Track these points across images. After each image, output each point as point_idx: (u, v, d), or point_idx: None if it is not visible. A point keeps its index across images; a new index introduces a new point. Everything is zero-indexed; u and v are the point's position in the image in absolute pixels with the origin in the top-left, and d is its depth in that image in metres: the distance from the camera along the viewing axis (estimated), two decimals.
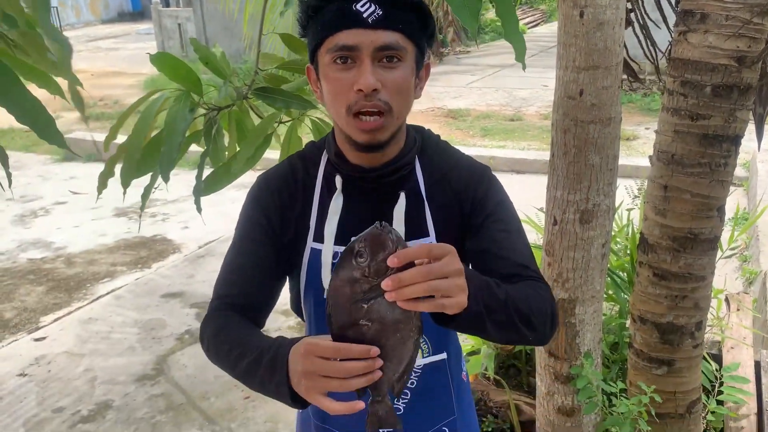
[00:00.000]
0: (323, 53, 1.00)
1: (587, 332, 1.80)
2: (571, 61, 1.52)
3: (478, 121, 7.96)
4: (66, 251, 4.81)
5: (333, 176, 1.12)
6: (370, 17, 0.96)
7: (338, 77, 0.99)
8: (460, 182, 1.13)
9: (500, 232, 1.09)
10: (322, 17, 0.99)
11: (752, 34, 1.63)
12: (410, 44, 1.01)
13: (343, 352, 0.80)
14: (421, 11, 1.02)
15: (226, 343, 1.02)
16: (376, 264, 0.77)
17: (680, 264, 1.82)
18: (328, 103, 1.04)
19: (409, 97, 1.04)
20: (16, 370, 3.31)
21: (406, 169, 1.11)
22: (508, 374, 2.52)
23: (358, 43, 0.96)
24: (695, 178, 1.75)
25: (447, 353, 1.19)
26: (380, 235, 0.77)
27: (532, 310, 0.96)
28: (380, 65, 0.98)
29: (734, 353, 2.46)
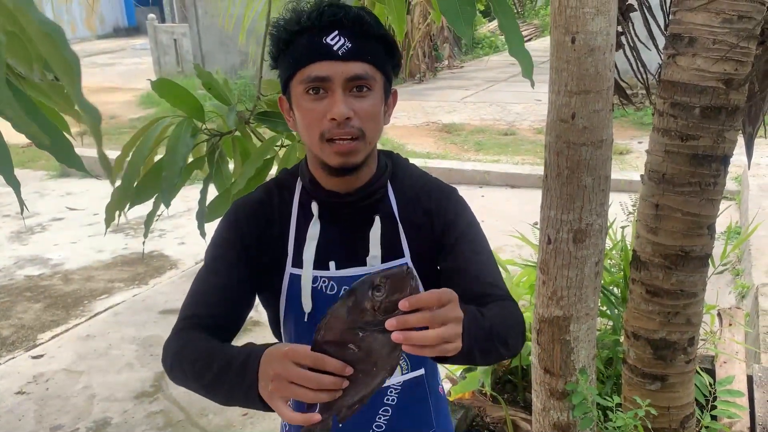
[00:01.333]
0: (296, 84, 1.05)
1: (582, 349, 1.83)
2: (563, 86, 1.56)
3: (473, 136, 8.02)
4: (63, 268, 4.82)
5: (308, 202, 1.15)
6: (340, 50, 1.02)
7: (311, 107, 1.04)
8: (431, 204, 1.18)
9: (471, 253, 1.14)
10: (294, 50, 1.05)
11: (739, 57, 1.68)
12: (378, 74, 1.06)
13: (320, 364, 0.82)
14: (387, 42, 1.07)
15: (191, 356, 1.02)
16: (388, 302, 0.80)
17: (672, 281, 1.86)
18: (301, 131, 1.09)
19: (379, 124, 1.09)
20: (14, 388, 3.32)
21: (379, 193, 1.16)
22: (504, 390, 2.55)
23: (329, 75, 1.02)
24: (686, 197, 1.79)
25: (424, 369, 1.24)
26: (403, 278, 0.80)
27: (509, 333, 1.03)
28: (351, 94, 1.03)
29: (727, 368, 2.49)
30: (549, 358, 1.85)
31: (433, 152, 7.34)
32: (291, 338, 1.20)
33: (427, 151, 7.40)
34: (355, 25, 1.02)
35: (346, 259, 1.14)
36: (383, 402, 1.20)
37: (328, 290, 1.14)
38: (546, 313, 1.81)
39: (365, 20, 1.03)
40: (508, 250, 4.24)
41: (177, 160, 1.50)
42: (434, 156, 7.13)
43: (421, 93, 10.70)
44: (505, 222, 4.81)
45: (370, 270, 1.12)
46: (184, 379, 1.04)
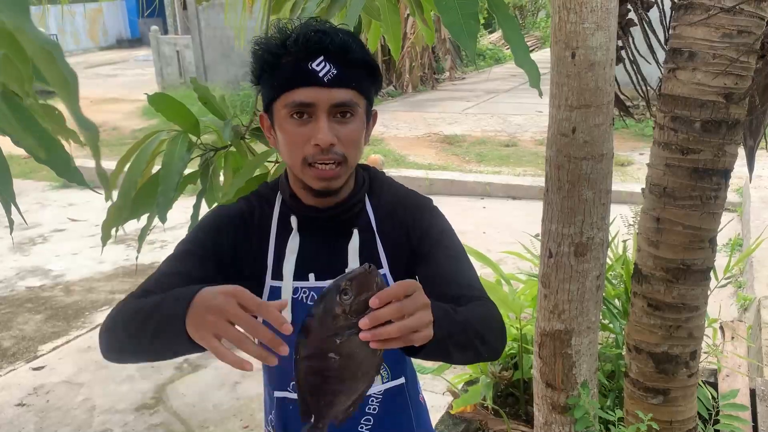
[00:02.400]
0: (279, 107, 1.06)
1: (583, 363, 1.83)
2: (563, 100, 1.57)
3: (474, 147, 8.04)
4: (64, 279, 4.82)
5: (288, 216, 1.17)
6: (325, 76, 1.02)
7: (295, 131, 1.05)
8: (407, 216, 1.19)
9: (446, 257, 1.15)
10: (279, 73, 1.05)
11: (739, 71, 1.68)
12: (362, 99, 1.08)
13: (264, 311, 0.79)
14: (370, 67, 1.08)
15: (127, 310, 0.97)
16: (357, 303, 0.80)
17: (674, 294, 1.86)
18: (283, 153, 1.10)
19: (360, 148, 1.11)
20: (15, 400, 3.31)
21: (357, 207, 1.17)
22: (506, 403, 2.54)
23: (314, 101, 1.03)
24: (687, 211, 1.79)
25: (405, 378, 1.25)
26: (367, 277, 0.81)
27: (485, 328, 1.03)
28: (334, 120, 1.04)
29: (730, 381, 2.48)
30: (551, 371, 1.84)
31: (435, 163, 7.35)
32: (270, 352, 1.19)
33: (429, 162, 7.41)
34: (340, 51, 1.03)
35: (325, 271, 1.15)
36: (365, 411, 1.21)
37: (308, 300, 1.15)
38: (548, 327, 1.81)
39: (351, 47, 1.04)
40: (510, 262, 4.24)
41: (173, 174, 1.50)
42: (435, 167, 7.13)
43: (423, 104, 10.73)
44: (507, 233, 4.81)
45: None
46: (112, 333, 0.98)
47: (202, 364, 3.57)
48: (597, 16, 1.49)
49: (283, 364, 1.17)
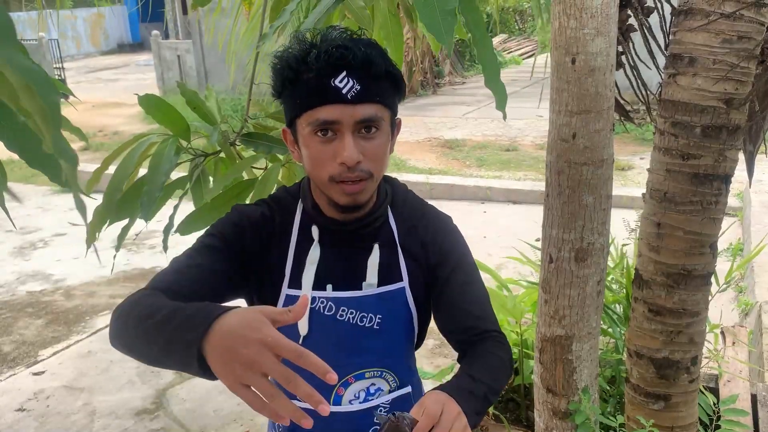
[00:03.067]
0: (303, 124, 1.04)
1: (584, 368, 1.83)
2: (563, 106, 1.57)
3: (474, 152, 8.04)
4: (65, 283, 4.82)
5: (309, 226, 1.16)
6: (349, 93, 1.00)
7: (320, 149, 1.03)
8: (428, 233, 1.19)
9: (462, 285, 1.16)
10: (300, 89, 1.03)
11: (739, 77, 1.68)
12: (386, 111, 1.06)
13: (304, 360, 0.72)
14: (393, 78, 1.06)
15: (139, 306, 0.92)
16: None
17: (674, 300, 1.85)
18: (308, 168, 1.08)
19: (386, 161, 1.09)
20: (15, 405, 3.31)
21: (379, 220, 1.17)
22: (507, 409, 2.53)
23: (338, 119, 1.01)
24: (687, 216, 1.79)
25: (411, 387, 1.26)
26: (397, 427, 0.86)
27: (501, 382, 1.08)
28: (359, 136, 1.03)
29: (731, 386, 2.47)
30: (551, 377, 1.84)
31: (435, 168, 7.36)
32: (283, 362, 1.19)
33: (429, 166, 7.42)
34: (363, 65, 1.01)
35: (343, 282, 1.14)
36: (373, 422, 1.21)
37: (325, 310, 1.14)
38: (548, 332, 1.81)
39: (373, 60, 1.01)
40: (510, 266, 4.24)
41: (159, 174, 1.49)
42: (436, 172, 7.14)
43: (423, 109, 10.74)
44: (507, 238, 4.81)
45: (365, 293, 1.14)
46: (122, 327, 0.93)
47: None
48: (597, 21, 1.50)
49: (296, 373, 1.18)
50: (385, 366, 1.18)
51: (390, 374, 1.20)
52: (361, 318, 1.14)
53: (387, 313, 1.15)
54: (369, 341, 1.15)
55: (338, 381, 1.16)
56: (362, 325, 1.14)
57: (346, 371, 1.16)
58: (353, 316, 1.14)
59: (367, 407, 1.19)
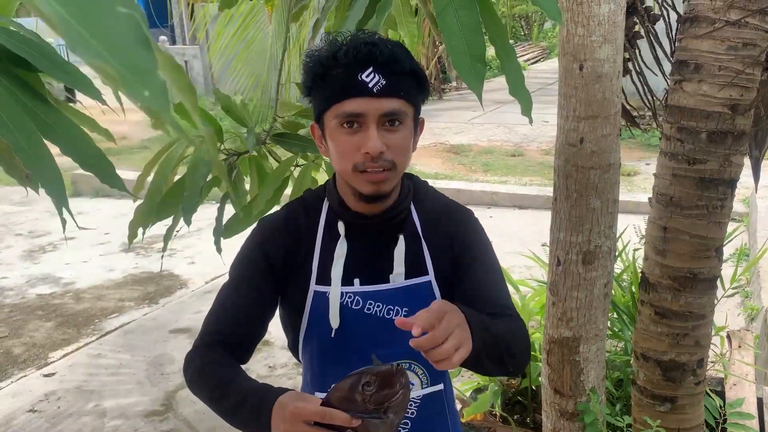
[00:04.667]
0: (330, 117, 1.09)
1: (591, 370, 1.85)
2: (571, 111, 1.60)
3: (480, 157, 8.07)
4: (74, 287, 4.86)
5: (335, 222, 1.20)
6: (375, 87, 1.05)
7: (346, 140, 1.08)
8: (451, 226, 1.23)
9: (484, 273, 1.20)
10: (329, 84, 1.09)
11: (744, 83, 1.71)
12: (410, 107, 1.11)
13: (327, 419, 0.88)
14: (418, 77, 1.11)
15: (210, 380, 1.10)
16: (377, 396, 0.87)
17: (680, 303, 1.87)
18: (334, 160, 1.13)
19: (409, 153, 1.14)
20: (26, 406, 3.34)
21: (403, 213, 1.21)
22: (514, 411, 2.56)
23: (364, 111, 1.06)
24: (693, 220, 1.82)
25: (443, 384, 1.28)
26: (392, 376, 0.87)
27: (516, 344, 1.09)
28: (384, 128, 1.08)
29: (737, 390, 2.49)
30: (559, 378, 1.86)
31: (441, 173, 7.39)
32: (313, 357, 1.23)
33: (435, 171, 7.45)
34: (389, 62, 1.06)
35: (371, 276, 1.18)
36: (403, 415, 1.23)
37: (353, 305, 1.18)
38: (556, 334, 1.83)
39: (399, 57, 1.07)
40: (517, 271, 4.26)
41: (198, 179, 1.55)
42: (442, 176, 7.17)
43: (429, 114, 10.78)
44: (514, 243, 4.83)
45: (392, 286, 1.18)
46: (201, 397, 1.12)
47: None
48: (604, 29, 1.53)
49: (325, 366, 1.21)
50: (414, 358, 1.20)
51: (419, 367, 1.22)
52: (387, 311, 1.17)
53: (414, 306, 1.17)
54: (396, 333, 1.18)
55: None
56: (389, 318, 1.17)
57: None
58: (380, 309, 1.17)
59: None
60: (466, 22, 1.00)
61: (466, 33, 1.00)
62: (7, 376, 3.63)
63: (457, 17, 1.00)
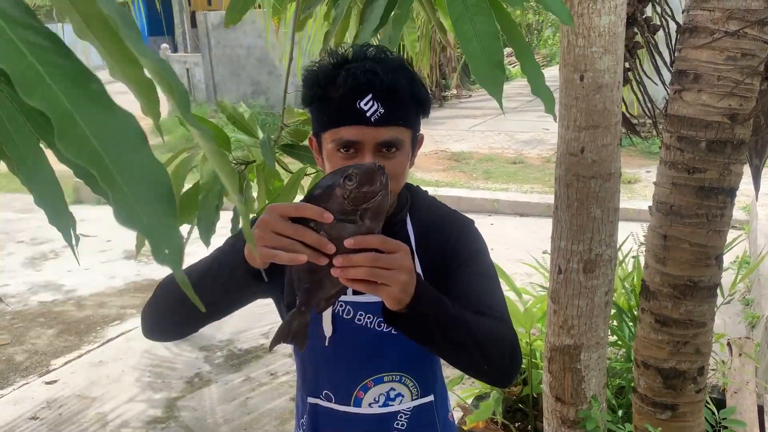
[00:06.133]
0: (327, 139, 1.10)
1: (592, 377, 1.86)
2: (572, 121, 1.62)
3: (481, 164, 8.09)
4: (76, 294, 4.87)
5: None
6: (372, 116, 1.05)
7: (341, 164, 1.06)
8: (443, 235, 1.22)
9: (473, 276, 1.17)
10: (327, 106, 1.08)
11: (743, 93, 1.73)
12: (408, 133, 1.11)
13: (301, 210, 0.87)
14: (418, 101, 1.11)
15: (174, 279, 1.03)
16: (357, 192, 0.86)
17: (681, 311, 1.89)
18: None
19: (404, 177, 1.14)
20: (28, 413, 3.35)
21: (397, 226, 1.20)
22: (515, 419, 2.56)
23: (360, 140, 1.06)
24: (693, 228, 1.83)
25: (434, 395, 1.27)
26: (374, 173, 0.87)
27: (487, 337, 1.04)
28: (380, 154, 1.08)
29: (738, 398, 2.50)
30: (560, 386, 1.87)
31: (442, 180, 7.41)
32: (306, 362, 1.25)
33: (436, 179, 7.47)
34: (389, 91, 1.05)
35: None
36: (393, 427, 1.23)
37: (344, 314, 1.18)
38: (557, 342, 1.84)
39: (399, 86, 1.06)
40: (518, 279, 4.26)
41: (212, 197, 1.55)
42: (443, 184, 7.19)
43: (430, 121, 10.79)
44: (515, 250, 4.85)
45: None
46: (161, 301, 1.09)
47: (212, 379, 3.60)
48: (605, 40, 1.55)
49: (317, 370, 1.21)
50: (404, 371, 1.21)
51: (409, 379, 1.23)
52: (378, 323, 1.17)
53: None
54: (386, 346, 1.19)
55: (358, 384, 1.20)
56: (380, 330, 1.17)
57: (366, 375, 1.20)
58: (370, 321, 1.17)
59: (386, 412, 1.22)
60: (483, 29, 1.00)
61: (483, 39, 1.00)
62: (9, 383, 3.64)
63: (473, 24, 1.01)
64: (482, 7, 1.01)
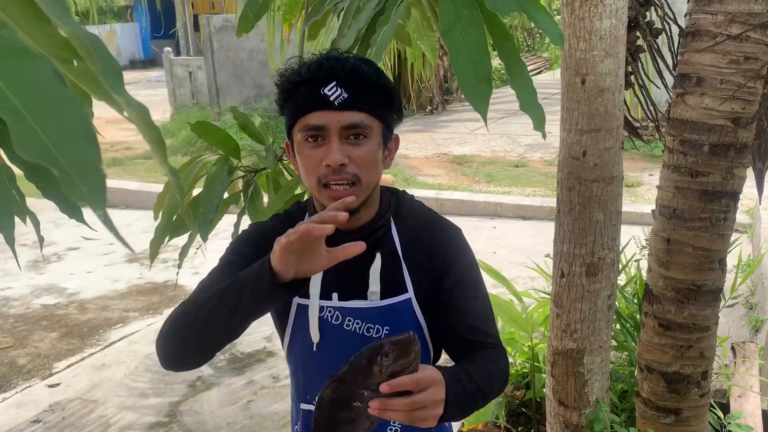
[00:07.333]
0: (297, 132, 1.12)
1: (595, 381, 1.85)
2: (574, 125, 1.62)
3: (483, 167, 8.08)
4: (79, 297, 4.87)
5: None
6: (336, 100, 1.08)
7: (309, 153, 1.10)
8: (433, 242, 1.21)
9: (467, 299, 1.18)
10: (296, 99, 1.11)
11: (746, 96, 1.73)
12: (375, 121, 1.12)
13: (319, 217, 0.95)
14: (384, 90, 1.13)
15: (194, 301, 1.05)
16: (394, 366, 0.88)
17: (684, 315, 1.88)
18: (302, 175, 1.16)
19: (376, 169, 1.14)
20: (31, 417, 3.35)
21: (381, 231, 1.20)
22: (518, 422, 2.55)
23: (325, 123, 1.08)
24: (696, 232, 1.83)
25: None
26: (409, 344, 0.88)
27: (492, 389, 1.09)
28: (347, 142, 1.09)
29: (742, 402, 2.49)
30: (563, 390, 1.87)
31: (445, 183, 7.40)
32: (298, 366, 1.25)
33: (439, 182, 7.46)
34: (352, 76, 1.08)
35: (348, 291, 1.19)
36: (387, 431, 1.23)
37: (333, 320, 1.18)
38: (560, 346, 1.84)
39: (362, 71, 1.09)
40: (520, 282, 4.26)
41: (213, 197, 1.57)
42: (445, 187, 7.18)
43: (432, 124, 10.81)
44: (517, 253, 4.84)
45: (371, 305, 1.18)
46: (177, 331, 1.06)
47: (215, 383, 3.60)
48: (606, 44, 1.55)
49: (310, 378, 1.21)
50: None
51: None
52: (367, 328, 1.17)
53: (394, 325, 1.18)
54: None
55: None
56: (369, 336, 1.17)
57: None
58: (359, 327, 1.17)
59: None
60: (473, 41, 1.01)
61: (473, 52, 1.01)
62: (12, 387, 3.64)
63: (464, 35, 1.01)
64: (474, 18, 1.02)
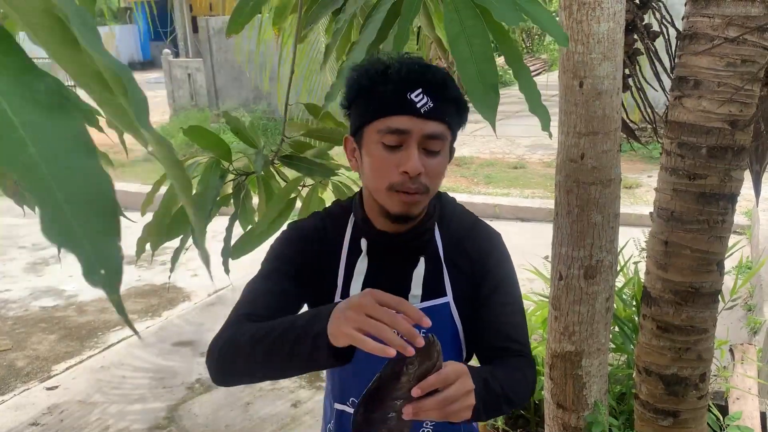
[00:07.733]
0: (371, 131, 1.09)
1: (594, 384, 1.86)
2: (572, 127, 1.62)
3: (482, 169, 8.09)
4: (78, 299, 4.87)
5: (358, 238, 1.20)
6: (423, 107, 1.05)
7: (384, 156, 1.08)
8: (474, 249, 1.22)
9: (503, 306, 1.19)
10: (375, 98, 1.08)
11: (743, 99, 1.73)
12: (449, 134, 1.12)
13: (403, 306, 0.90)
14: (462, 104, 1.12)
15: (249, 332, 1.04)
16: (420, 371, 0.90)
17: (682, 317, 1.88)
18: (368, 175, 1.13)
19: (441, 180, 1.14)
20: (29, 420, 3.34)
21: (426, 235, 1.20)
22: (517, 425, 2.56)
23: (409, 129, 1.06)
24: (694, 234, 1.83)
25: None
26: (430, 348, 0.90)
27: (518, 395, 1.09)
28: (423, 151, 1.08)
29: (740, 404, 2.49)
30: (561, 392, 1.87)
31: (444, 185, 7.40)
32: (335, 370, 1.25)
33: None
34: (439, 86, 1.07)
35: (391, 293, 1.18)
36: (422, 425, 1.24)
37: None
38: (558, 348, 1.84)
39: (449, 83, 1.08)
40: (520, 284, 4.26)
41: (206, 203, 1.56)
42: (444, 189, 7.16)
43: None
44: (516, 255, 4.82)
45: None
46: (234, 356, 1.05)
47: (213, 385, 3.60)
48: (603, 47, 1.55)
49: (345, 378, 1.22)
50: None
51: None
52: None
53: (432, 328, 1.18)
54: None
55: None
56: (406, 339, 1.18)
57: None
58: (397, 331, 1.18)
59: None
60: (479, 50, 1.01)
61: (479, 61, 1.01)
62: (10, 389, 3.64)
63: (470, 46, 1.01)
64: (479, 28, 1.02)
